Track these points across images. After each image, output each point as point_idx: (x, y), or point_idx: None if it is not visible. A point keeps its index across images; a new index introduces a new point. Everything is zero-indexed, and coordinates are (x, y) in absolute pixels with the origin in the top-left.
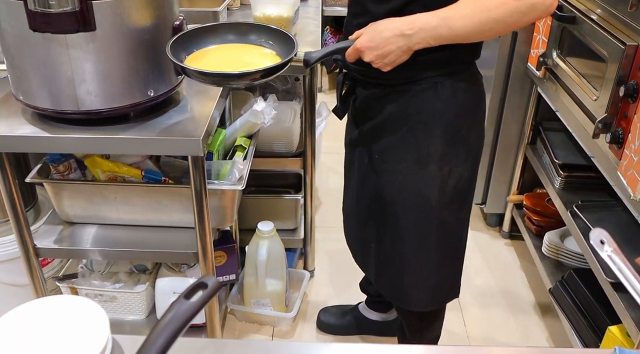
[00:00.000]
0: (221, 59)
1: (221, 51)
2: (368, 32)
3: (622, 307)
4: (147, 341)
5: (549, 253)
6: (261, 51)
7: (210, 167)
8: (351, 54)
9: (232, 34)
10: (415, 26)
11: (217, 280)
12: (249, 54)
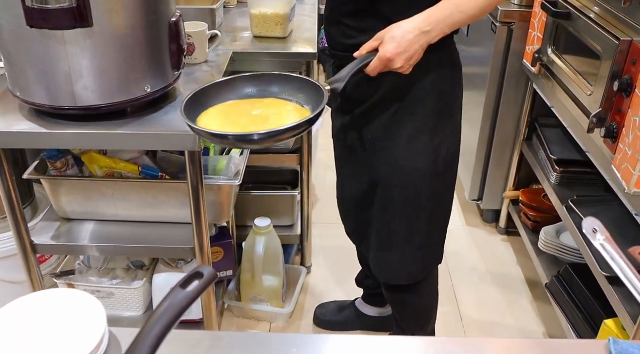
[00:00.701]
0: (241, 115)
1: (240, 107)
2: (390, 39)
3: (617, 301)
4: (143, 330)
5: (546, 248)
6: (285, 105)
7: (207, 162)
8: (378, 66)
9: (252, 86)
10: (432, 21)
11: (213, 270)
12: (272, 108)
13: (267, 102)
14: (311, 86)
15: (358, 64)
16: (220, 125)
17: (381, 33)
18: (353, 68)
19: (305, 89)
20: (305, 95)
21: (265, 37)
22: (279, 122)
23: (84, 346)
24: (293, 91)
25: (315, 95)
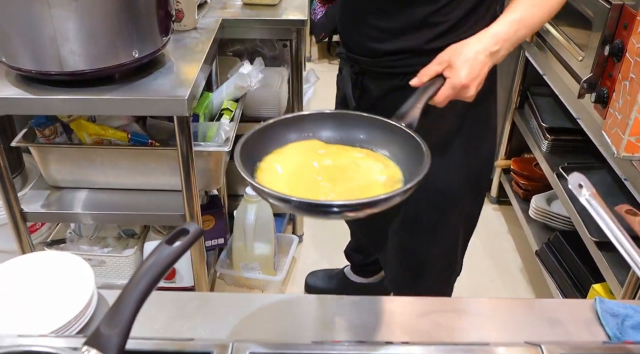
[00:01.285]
0: (309, 167)
1: (311, 154)
2: (463, 63)
3: (605, 266)
4: (129, 285)
5: (536, 216)
6: (354, 151)
7: (197, 129)
8: (451, 95)
9: (328, 128)
10: (499, 39)
11: (199, 227)
12: (342, 157)
13: (333, 148)
14: (386, 125)
15: (423, 93)
16: (285, 179)
17: (444, 55)
18: (419, 99)
19: (378, 129)
20: (378, 136)
21: (255, 4)
22: (358, 179)
23: (73, 306)
24: (365, 133)
25: (391, 136)
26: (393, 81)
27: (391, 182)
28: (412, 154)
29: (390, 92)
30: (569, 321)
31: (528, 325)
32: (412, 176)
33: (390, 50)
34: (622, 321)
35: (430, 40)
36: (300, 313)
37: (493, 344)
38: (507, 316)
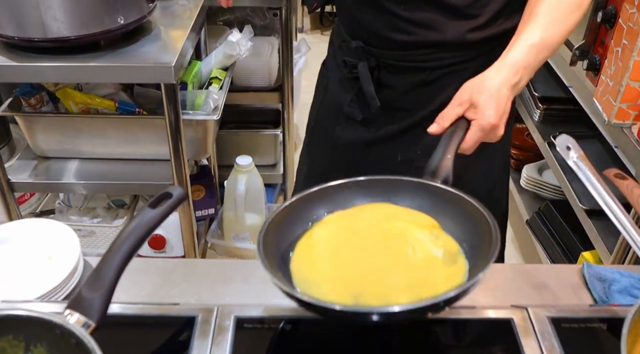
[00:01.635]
0: (353, 250)
1: (347, 232)
2: (487, 101)
3: (595, 234)
4: (111, 248)
5: (527, 186)
6: (411, 222)
7: (185, 97)
8: (480, 137)
9: (356, 196)
10: (519, 68)
11: (182, 190)
12: (391, 230)
13: (370, 219)
14: (419, 185)
15: (450, 141)
16: (329, 276)
17: (463, 94)
18: (448, 149)
19: (409, 190)
20: (412, 198)
21: None
22: (413, 258)
23: (59, 273)
24: (397, 196)
25: (427, 196)
26: (419, 76)
27: (450, 257)
28: (457, 213)
29: (416, 87)
30: (556, 285)
31: (515, 289)
32: (467, 242)
33: (419, 43)
34: (609, 285)
35: (468, 31)
36: None
37: (479, 307)
38: (495, 281)
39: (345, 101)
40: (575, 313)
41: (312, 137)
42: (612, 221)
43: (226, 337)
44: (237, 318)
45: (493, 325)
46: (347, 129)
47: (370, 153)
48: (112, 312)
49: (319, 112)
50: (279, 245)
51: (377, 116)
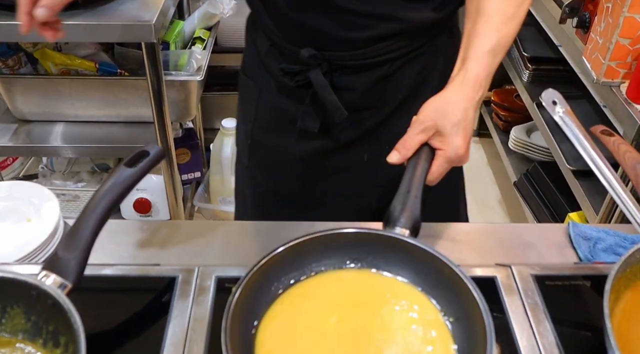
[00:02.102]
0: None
1: (321, 302)
2: (454, 128)
3: (582, 194)
4: (86, 208)
5: (515, 148)
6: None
7: (167, 57)
8: (447, 168)
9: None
10: (480, 81)
11: (160, 148)
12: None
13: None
14: (387, 240)
15: (413, 177)
16: None
17: (426, 120)
18: (411, 187)
19: (377, 246)
20: (380, 256)
21: None
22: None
23: (38, 236)
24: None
25: (396, 252)
26: (379, 71)
27: (443, 344)
28: (437, 275)
29: (378, 82)
30: (541, 244)
31: (500, 248)
32: (459, 319)
33: (381, 36)
34: (594, 244)
35: (431, 11)
36: (273, 239)
37: (463, 266)
38: (479, 240)
39: (293, 112)
40: (559, 270)
41: (251, 157)
42: (598, 178)
43: (207, 297)
44: (218, 278)
45: (477, 283)
46: (300, 142)
47: (331, 161)
48: (91, 273)
49: (256, 128)
50: (243, 330)
51: (338, 122)
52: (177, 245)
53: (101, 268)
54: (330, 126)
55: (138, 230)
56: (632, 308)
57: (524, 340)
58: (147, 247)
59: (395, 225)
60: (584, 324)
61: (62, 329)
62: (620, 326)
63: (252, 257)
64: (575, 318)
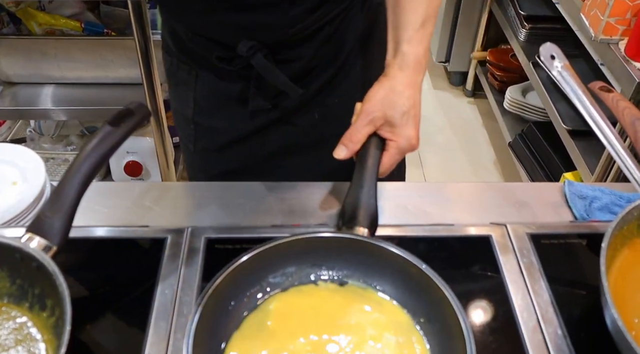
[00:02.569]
0: None
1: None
2: (404, 117)
3: (577, 154)
4: (70, 169)
5: (511, 108)
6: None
7: (155, 16)
8: (399, 159)
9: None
10: (420, 60)
11: (146, 107)
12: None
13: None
14: (339, 243)
15: (363, 169)
16: None
17: (374, 110)
18: (364, 182)
19: (334, 252)
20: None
21: None
22: None
23: (24, 198)
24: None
25: (351, 256)
26: (319, 36)
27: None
28: (403, 276)
29: (321, 45)
30: (536, 203)
31: (495, 208)
32: (430, 319)
33: (309, 8)
34: (590, 202)
35: None
36: (263, 199)
37: (458, 225)
38: (474, 200)
39: (239, 93)
40: (554, 229)
41: (197, 142)
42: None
43: (197, 259)
44: (208, 239)
45: (471, 242)
46: (253, 120)
47: (283, 129)
48: (77, 235)
49: (198, 113)
50: (209, 344)
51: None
52: (167, 207)
53: (89, 231)
54: (281, 98)
55: (127, 192)
56: (628, 266)
57: (518, 299)
58: (136, 209)
59: (352, 225)
60: (579, 282)
61: (47, 292)
62: (616, 284)
63: (242, 218)
64: (571, 276)
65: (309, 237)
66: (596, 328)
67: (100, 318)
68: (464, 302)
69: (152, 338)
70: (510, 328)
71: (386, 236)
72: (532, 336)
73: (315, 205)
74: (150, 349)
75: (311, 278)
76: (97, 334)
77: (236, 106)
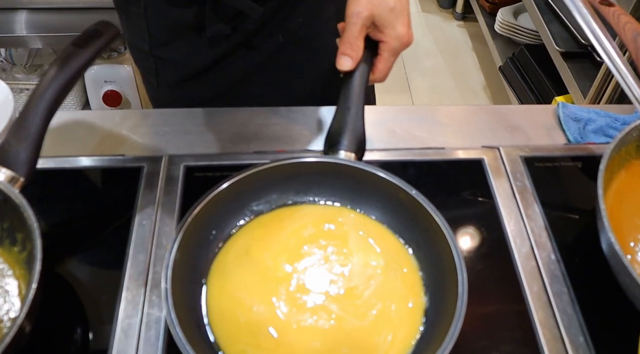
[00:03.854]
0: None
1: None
2: (392, 16)
3: (569, 76)
4: (34, 94)
5: (502, 31)
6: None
7: None
8: (394, 61)
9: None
10: None
11: (114, 26)
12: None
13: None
14: (327, 168)
15: (351, 90)
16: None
17: (362, 10)
18: (351, 103)
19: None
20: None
21: None
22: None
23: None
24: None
25: (341, 180)
26: None
27: (412, 286)
28: (392, 201)
29: None
30: (529, 126)
31: (487, 131)
32: (421, 246)
33: None
34: (585, 125)
35: None
36: (247, 125)
37: (448, 149)
38: (465, 123)
39: (194, 19)
40: (549, 152)
41: (160, 76)
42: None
43: (175, 188)
44: (187, 167)
45: (463, 166)
46: (213, 47)
47: (247, 53)
48: (49, 166)
49: (154, 46)
50: (190, 276)
51: None
52: (145, 135)
53: (61, 161)
54: (240, 20)
55: (102, 121)
56: (625, 189)
57: (511, 224)
58: (112, 138)
59: (338, 149)
60: (574, 207)
61: (17, 226)
62: (613, 208)
63: (224, 146)
64: (565, 201)
65: (292, 163)
66: (590, 252)
67: (77, 252)
68: (455, 228)
69: (130, 271)
70: (503, 254)
71: (374, 161)
72: (525, 262)
73: (301, 130)
74: (129, 283)
75: (295, 199)
76: (73, 269)
77: (193, 34)
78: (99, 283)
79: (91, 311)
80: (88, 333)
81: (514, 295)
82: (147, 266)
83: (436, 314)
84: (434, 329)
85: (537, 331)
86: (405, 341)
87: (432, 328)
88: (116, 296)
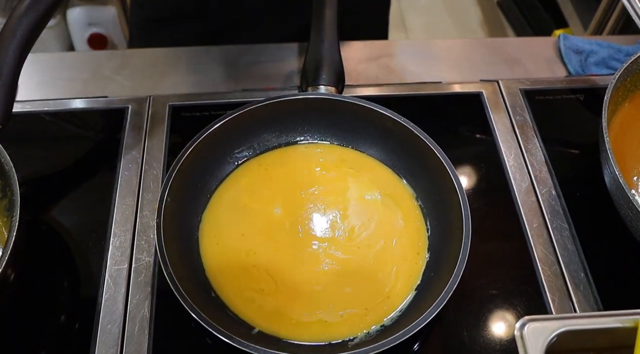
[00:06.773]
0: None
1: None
2: None
3: (570, 9)
4: (4, 30)
5: None
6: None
7: None
8: None
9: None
10: None
11: None
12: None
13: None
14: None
15: (322, 19)
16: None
17: None
18: (324, 36)
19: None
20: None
21: None
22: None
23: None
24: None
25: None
26: None
27: (412, 217)
28: (383, 132)
29: None
30: (529, 59)
31: (485, 65)
32: (414, 175)
33: None
34: (586, 57)
35: None
36: (235, 63)
37: (445, 83)
38: (462, 57)
39: None
40: (550, 84)
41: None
42: None
43: (161, 129)
44: (173, 106)
45: (461, 101)
46: None
47: None
48: (30, 110)
49: None
50: (185, 217)
51: None
52: (130, 76)
53: (42, 104)
54: None
55: (85, 63)
56: (630, 121)
57: (511, 159)
58: (96, 80)
59: (318, 84)
60: (575, 141)
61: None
62: (616, 140)
63: (214, 84)
64: (566, 135)
65: (271, 103)
66: (592, 187)
67: (62, 198)
68: (453, 164)
69: (117, 216)
70: (502, 190)
71: (368, 96)
72: (525, 197)
73: (292, 68)
74: (116, 228)
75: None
76: (59, 216)
77: None
78: (85, 229)
79: (79, 258)
80: (76, 281)
81: (513, 231)
82: (135, 210)
83: (440, 239)
84: (440, 257)
85: (537, 267)
86: (410, 271)
87: (438, 255)
88: (104, 242)
